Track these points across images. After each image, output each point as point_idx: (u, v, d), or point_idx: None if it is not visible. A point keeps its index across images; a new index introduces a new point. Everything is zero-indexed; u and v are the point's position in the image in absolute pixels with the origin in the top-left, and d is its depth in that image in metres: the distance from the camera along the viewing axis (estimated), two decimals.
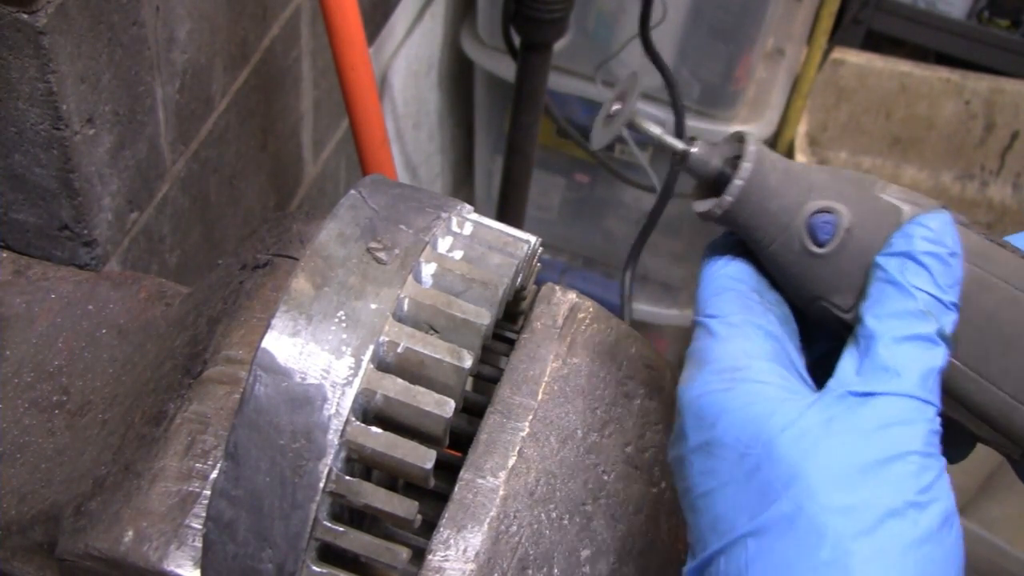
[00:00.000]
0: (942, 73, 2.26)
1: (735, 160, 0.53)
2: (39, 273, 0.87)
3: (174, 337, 0.76)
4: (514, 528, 0.59)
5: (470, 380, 0.64)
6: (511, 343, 0.69)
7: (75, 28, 0.78)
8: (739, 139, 0.53)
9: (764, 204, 0.51)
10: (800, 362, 0.52)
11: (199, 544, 0.61)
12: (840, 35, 2.13)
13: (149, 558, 0.61)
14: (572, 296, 0.70)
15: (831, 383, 0.48)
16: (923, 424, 0.46)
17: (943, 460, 0.47)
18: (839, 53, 2.21)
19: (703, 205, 0.53)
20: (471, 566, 0.58)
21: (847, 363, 0.49)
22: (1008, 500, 1.86)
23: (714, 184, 0.53)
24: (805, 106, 2.13)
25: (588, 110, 1.97)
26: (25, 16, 0.73)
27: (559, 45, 1.62)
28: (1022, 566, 1.55)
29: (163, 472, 0.64)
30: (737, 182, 0.52)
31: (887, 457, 0.45)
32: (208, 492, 0.63)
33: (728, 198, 0.52)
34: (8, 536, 0.72)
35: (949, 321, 0.49)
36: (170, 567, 0.61)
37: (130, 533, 0.62)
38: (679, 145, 0.54)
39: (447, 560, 0.58)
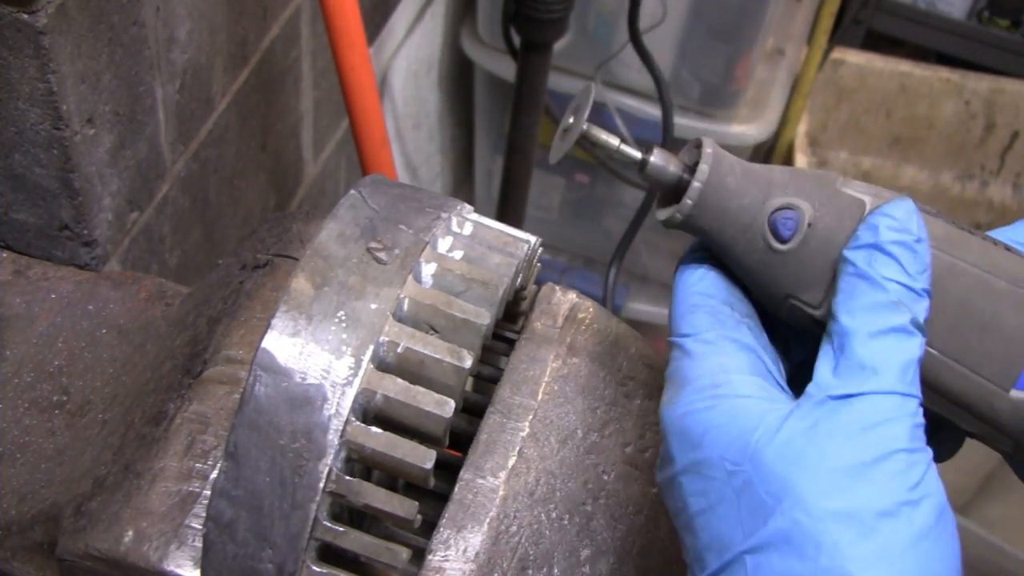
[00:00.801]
0: (942, 73, 2.26)
1: (694, 166, 0.53)
2: (39, 273, 0.87)
3: (174, 337, 0.76)
4: (514, 528, 0.59)
5: (470, 380, 0.64)
6: (511, 343, 0.69)
7: (75, 28, 0.78)
8: (697, 145, 0.54)
9: (724, 205, 0.52)
10: (777, 370, 0.52)
11: (199, 544, 0.61)
12: (840, 35, 2.13)
13: (149, 558, 0.61)
14: (572, 296, 0.70)
15: (810, 388, 0.48)
16: (906, 419, 0.46)
17: (929, 452, 0.47)
18: (839, 53, 2.21)
19: (665, 212, 0.54)
20: (471, 566, 0.58)
21: (824, 364, 0.48)
22: (1008, 500, 1.86)
23: (675, 191, 0.53)
24: (805, 106, 2.13)
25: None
26: (25, 16, 0.73)
27: (559, 45, 1.62)
28: (1022, 566, 1.55)
29: (163, 472, 0.64)
30: (695, 184, 0.52)
31: (874, 458, 0.45)
32: (208, 492, 0.63)
33: (688, 202, 0.52)
34: (8, 536, 0.72)
35: (922, 308, 0.48)
36: (170, 567, 0.61)
37: (130, 533, 0.62)
38: (636, 154, 0.54)
39: (447, 560, 0.58)
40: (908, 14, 2.39)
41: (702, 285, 0.53)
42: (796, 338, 0.56)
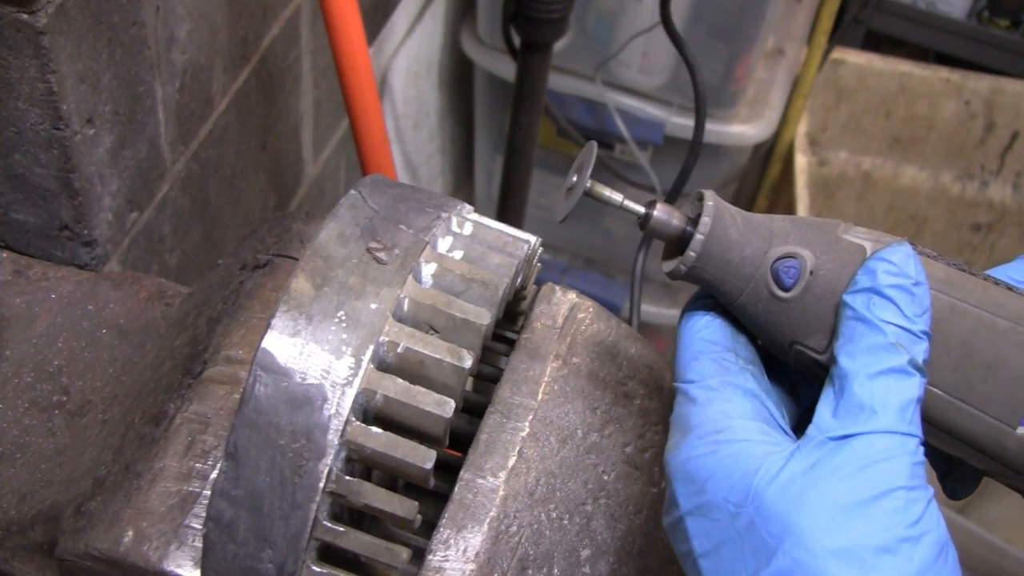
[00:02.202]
0: (942, 73, 2.26)
1: (697, 218, 0.54)
2: (39, 273, 0.87)
3: (174, 337, 0.76)
4: (514, 528, 0.59)
5: (470, 380, 0.64)
6: (511, 343, 0.69)
7: (75, 28, 0.78)
8: (699, 197, 0.54)
9: (727, 256, 0.53)
10: (781, 415, 0.53)
11: (199, 544, 0.61)
12: (840, 35, 2.13)
13: (149, 558, 0.61)
14: (572, 296, 0.70)
15: (810, 429, 0.48)
16: (905, 458, 0.47)
17: (930, 490, 0.47)
18: (839, 53, 2.21)
19: (669, 264, 0.55)
20: (471, 566, 0.58)
21: (824, 407, 0.49)
22: (1008, 500, 1.86)
23: (679, 243, 0.54)
24: (805, 106, 2.13)
25: (588, 110, 1.97)
26: (25, 16, 0.73)
27: (559, 45, 1.62)
28: (1022, 566, 1.55)
29: (163, 472, 0.64)
30: (698, 237, 0.53)
31: (873, 496, 0.45)
32: (208, 492, 0.63)
33: (691, 254, 0.53)
34: (8, 536, 0.72)
35: (921, 350, 0.49)
36: (170, 567, 0.61)
37: (130, 533, 0.62)
38: (640, 209, 0.55)
39: (447, 560, 0.58)
40: (908, 14, 2.39)
41: (707, 332, 0.54)
42: (805, 382, 0.57)
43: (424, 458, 0.55)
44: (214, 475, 0.62)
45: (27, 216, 0.87)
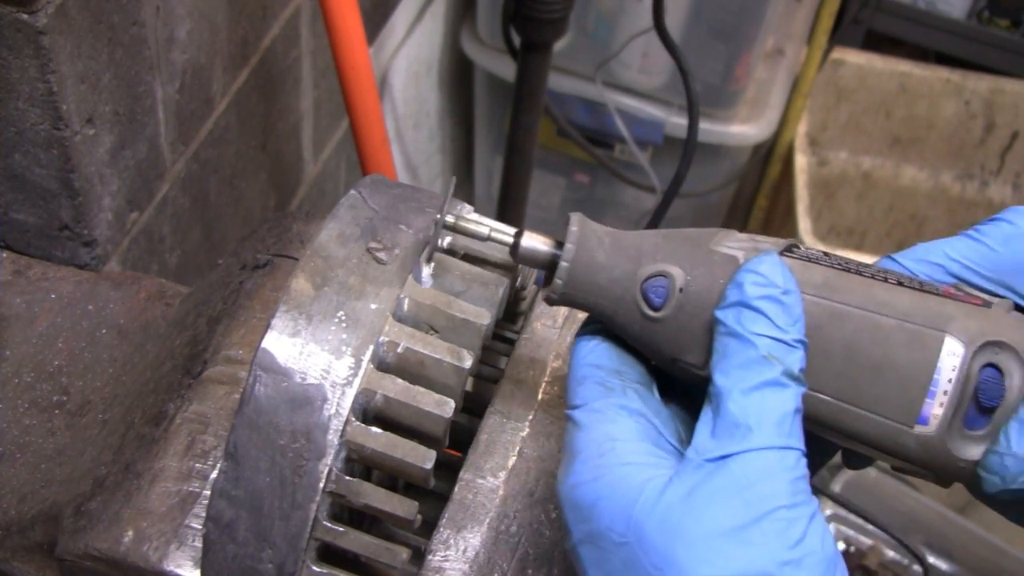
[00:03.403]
0: (942, 73, 2.26)
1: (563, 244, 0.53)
2: (39, 273, 0.87)
3: (174, 337, 0.76)
4: (514, 528, 0.59)
5: (470, 380, 0.64)
6: (511, 343, 0.69)
7: (75, 28, 0.78)
8: (566, 221, 0.54)
9: (595, 280, 0.52)
10: (673, 432, 0.51)
11: (199, 544, 0.61)
12: (840, 35, 2.13)
13: (149, 558, 0.61)
14: None
15: (688, 452, 0.47)
16: (784, 474, 0.45)
17: (814, 503, 0.46)
18: (839, 53, 2.21)
19: (544, 292, 0.54)
20: (471, 566, 0.58)
21: (702, 427, 0.48)
22: None
23: (553, 270, 0.54)
24: (805, 106, 2.13)
25: (588, 110, 1.97)
26: (25, 16, 0.73)
27: (559, 45, 1.62)
28: (1022, 566, 1.55)
29: (163, 472, 0.64)
30: (563, 264, 0.52)
31: (752, 519, 0.44)
32: (208, 492, 0.63)
33: (558, 281, 0.52)
34: (8, 536, 0.72)
35: (796, 359, 0.48)
36: (170, 567, 0.61)
37: (130, 533, 0.62)
38: (508, 239, 0.54)
39: (447, 560, 0.58)
40: (908, 14, 2.39)
41: (592, 356, 0.53)
42: (703, 396, 0.56)
43: (424, 458, 0.55)
44: (214, 475, 0.62)
45: (27, 216, 0.87)
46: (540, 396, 0.64)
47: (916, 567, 1.54)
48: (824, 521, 0.46)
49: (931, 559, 1.52)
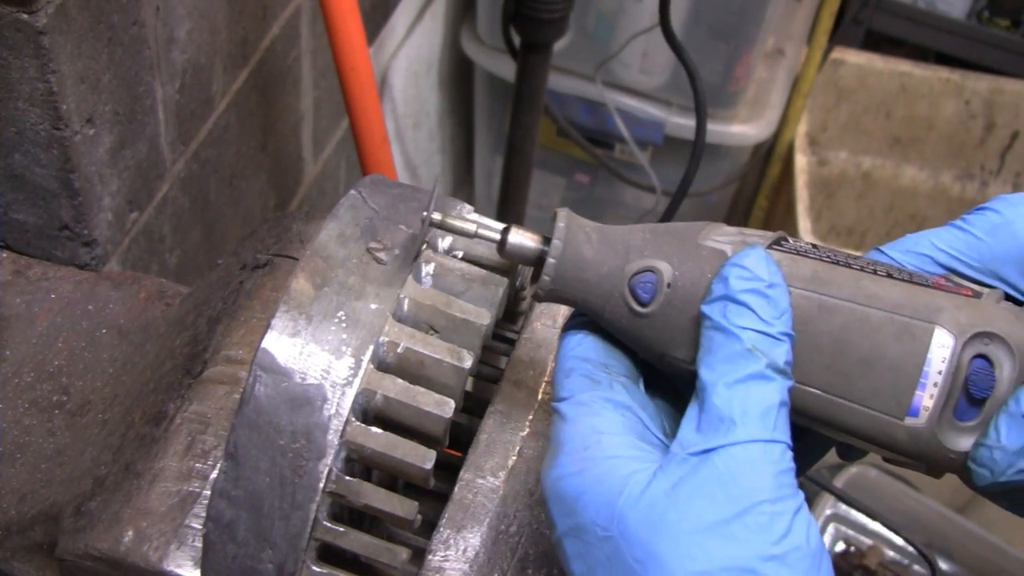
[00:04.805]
0: (942, 73, 2.26)
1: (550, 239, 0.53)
2: (39, 273, 0.87)
3: (174, 337, 0.76)
4: (514, 528, 0.59)
5: (470, 380, 0.64)
6: (511, 343, 0.69)
7: (75, 28, 0.78)
8: (553, 217, 0.53)
9: (583, 276, 0.52)
10: (659, 426, 0.51)
11: (199, 544, 0.61)
12: (840, 35, 2.13)
13: (149, 558, 0.61)
14: None
15: (673, 446, 0.47)
16: (768, 467, 0.45)
17: (799, 497, 0.45)
18: (839, 53, 2.21)
19: (531, 289, 0.54)
20: (471, 566, 0.58)
21: (688, 421, 0.48)
22: None
23: (541, 266, 0.53)
24: (805, 106, 2.13)
25: (588, 110, 1.97)
26: (25, 16, 0.73)
27: (559, 45, 1.62)
28: (1022, 566, 1.55)
29: (163, 472, 0.64)
30: (550, 260, 0.52)
31: (735, 513, 0.44)
32: (208, 492, 0.63)
33: (546, 278, 0.52)
34: (8, 536, 0.72)
35: (781, 352, 0.47)
36: (170, 567, 0.61)
37: (130, 533, 0.62)
38: (495, 236, 0.54)
39: (447, 560, 0.58)
40: (908, 14, 2.39)
41: (579, 350, 0.53)
42: (690, 391, 0.56)
43: (424, 458, 0.55)
44: (214, 475, 0.62)
45: (27, 216, 0.87)
46: (540, 396, 0.64)
47: (916, 567, 1.54)
48: (810, 515, 0.45)
49: None
